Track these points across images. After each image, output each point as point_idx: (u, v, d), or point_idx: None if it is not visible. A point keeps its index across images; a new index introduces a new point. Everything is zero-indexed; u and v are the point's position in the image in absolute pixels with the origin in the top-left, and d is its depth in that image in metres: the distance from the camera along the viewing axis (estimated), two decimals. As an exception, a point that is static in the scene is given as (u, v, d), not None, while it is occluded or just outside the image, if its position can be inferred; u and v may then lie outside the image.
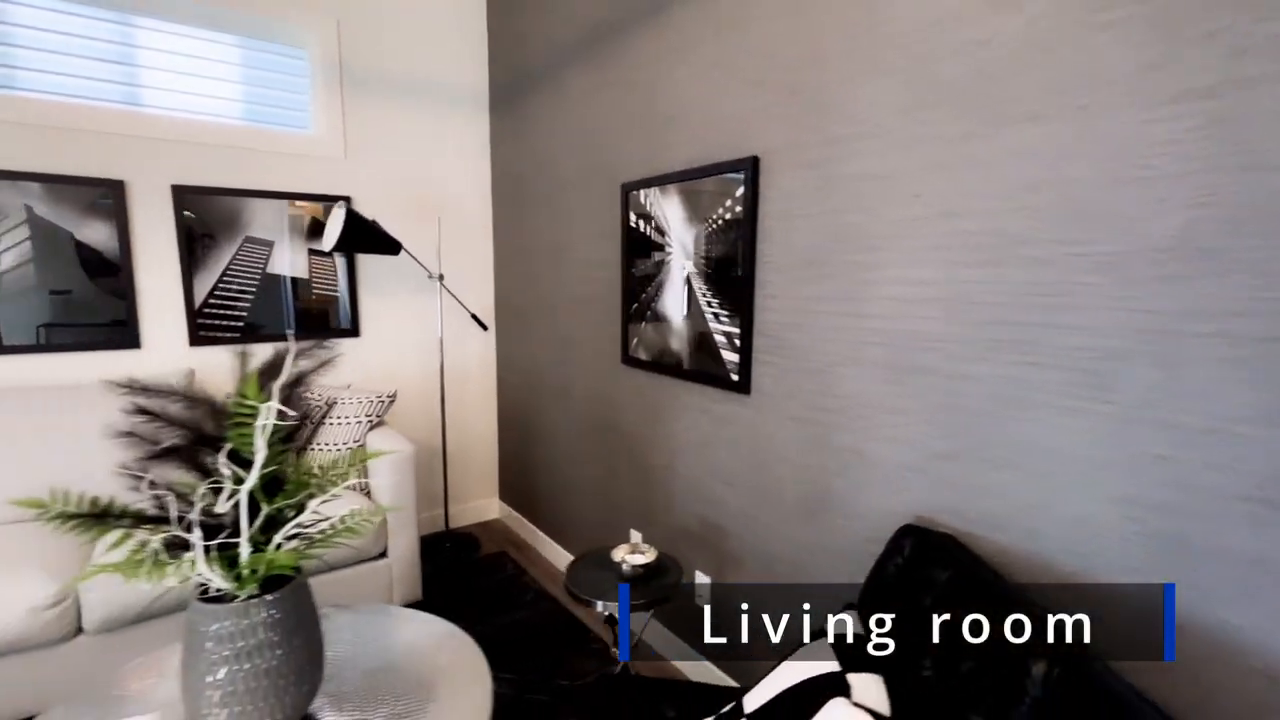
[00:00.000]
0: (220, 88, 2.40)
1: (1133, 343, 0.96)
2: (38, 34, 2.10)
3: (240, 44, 2.43)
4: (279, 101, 2.54)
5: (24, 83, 2.08)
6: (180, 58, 2.32)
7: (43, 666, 1.58)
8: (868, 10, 1.30)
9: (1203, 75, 0.87)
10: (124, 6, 2.20)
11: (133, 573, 0.99)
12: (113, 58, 2.22)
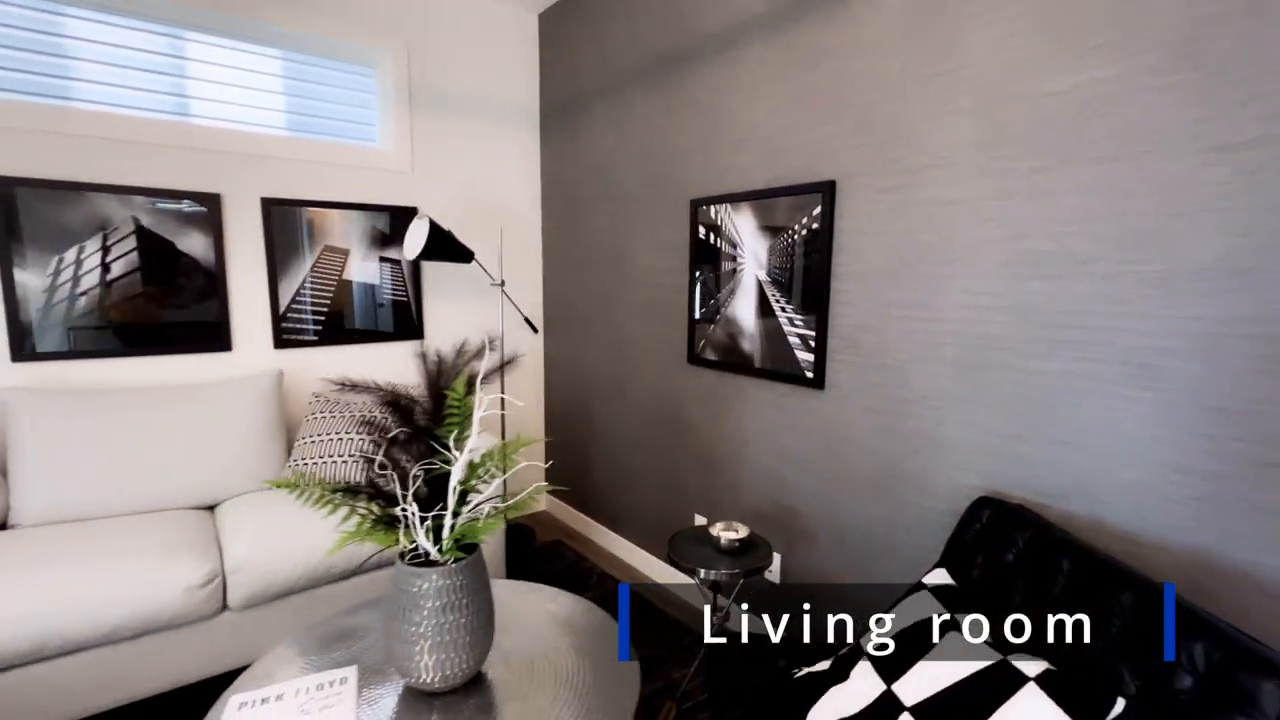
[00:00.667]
0: (300, 104, 2.56)
1: (1180, 342, 1.19)
2: (147, 57, 2.24)
3: (316, 64, 2.59)
4: (350, 116, 2.70)
5: (133, 102, 2.23)
6: (265, 77, 2.47)
7: (194, 640, 1.74)
8: (942, 55, 1.52)
9: (1240, 132, 1.10)
10: (219, 31, 2.35)
11: (366, 539, 1.17)
12: (210, 79, 2.36)
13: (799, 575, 2.00)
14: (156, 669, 1.70)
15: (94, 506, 1.95)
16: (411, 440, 1.22)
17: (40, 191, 2.06)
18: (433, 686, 1.23)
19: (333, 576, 1.95)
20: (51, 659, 1.56)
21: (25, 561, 1.61)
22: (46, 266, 2.10)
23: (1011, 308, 1.44)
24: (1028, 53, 1.37)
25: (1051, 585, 1.17)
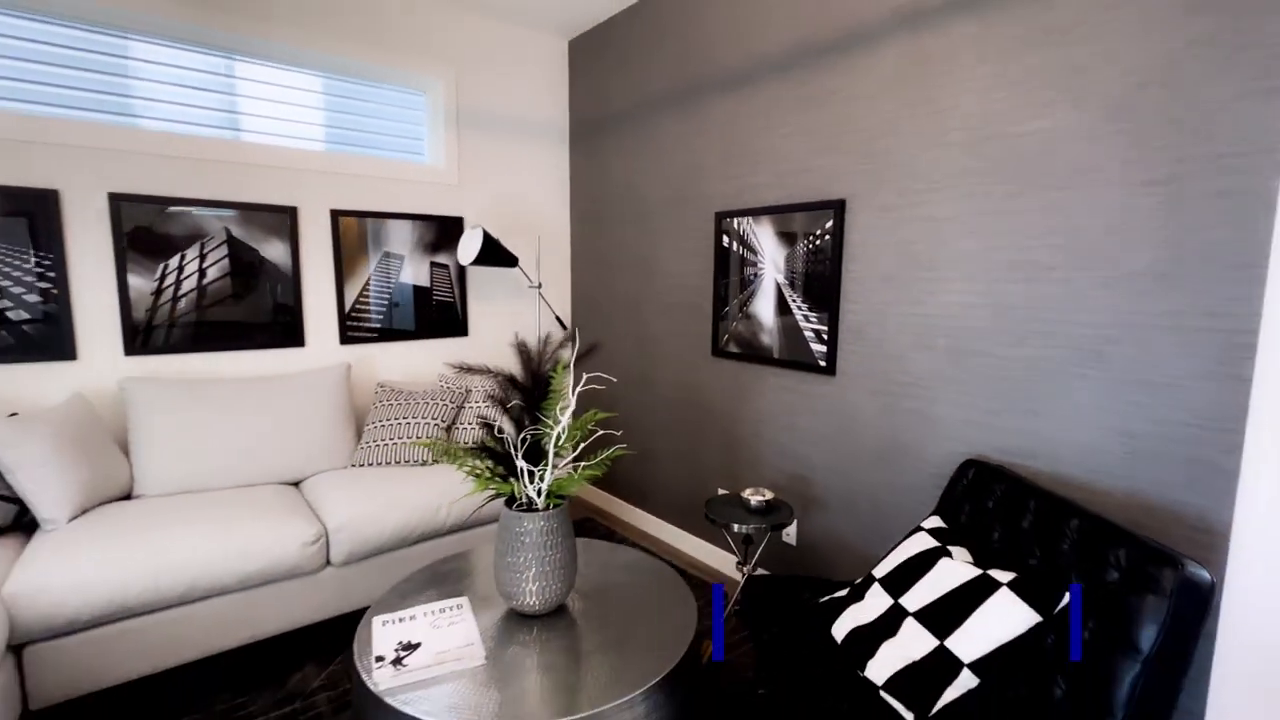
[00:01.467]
0: (361, 124, 2.86)
1: (1119, 332, 1.53)
2: (239, 86, 2.53)
3: (376, 90, 2.89)
4: (403, 133, 3.00)
5: (226, 124, 2.52)
6: (335, 99, 2.77)
7: (303, 590, 2.04)
8: (933, 100, 1.85)
9: (1160, 171, 1.44)
10: (301, 63, 2.65)
11: (490, 487, 1.49)
12: (289, 102, 2.66)
13: (813, 537, 2.33)
14: (275, 613, 2.00)
15: (202, 481, 2.25)
16: (522, 411, 1.53)
17: (150, 207, 2.35)
18: (533, 609, 1.55)
19: (411, 540, 2.26)
20: (198, 601, 1.87)
21: (169, 523, 1.91)
22: (154, 273, 2.39)
23: (990, 306, 1.77)
24: (1003, 103, 1.70)
25: (1021, 520, 1.51)
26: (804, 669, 1.44)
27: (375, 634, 1.47)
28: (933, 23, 1.84)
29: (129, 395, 2.24)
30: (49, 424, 1.95)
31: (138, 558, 1.77)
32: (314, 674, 1.98)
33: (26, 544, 1.86)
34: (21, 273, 2.15)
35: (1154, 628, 1.12)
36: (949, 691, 1.27)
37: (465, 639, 1.45)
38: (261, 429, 2.38)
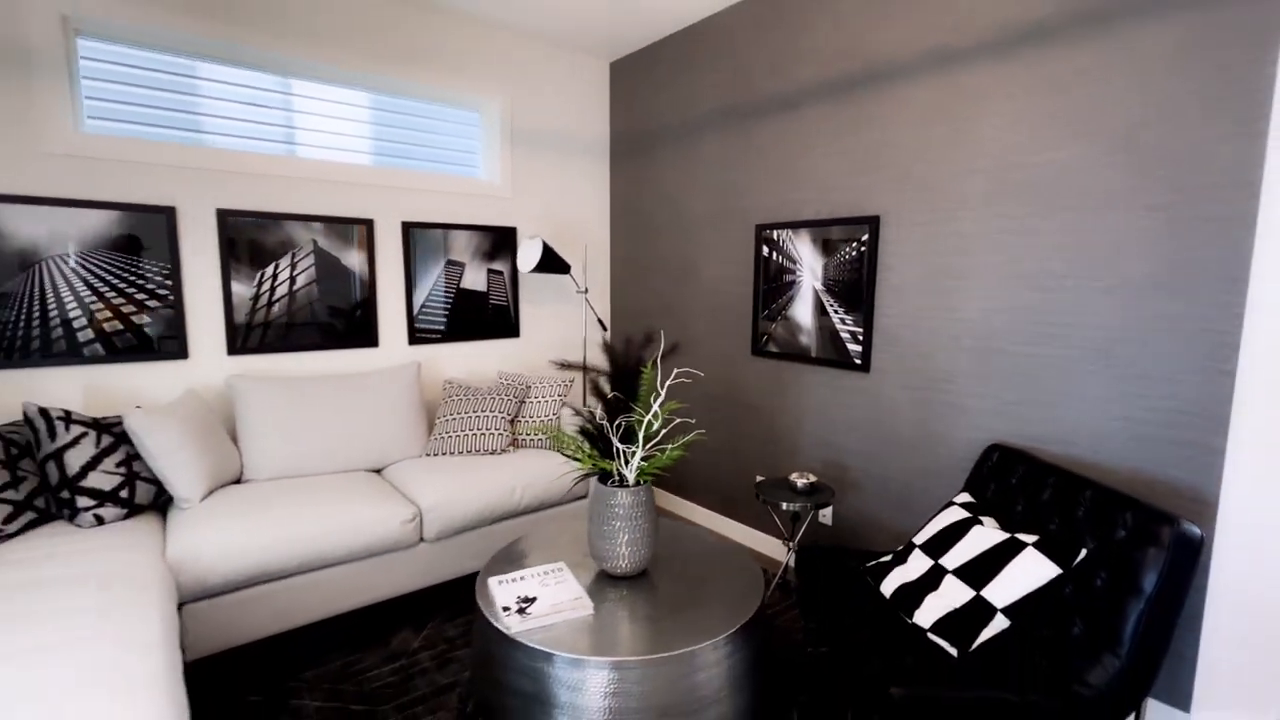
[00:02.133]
0: (423, 139, 3.12)
1: (1123, 333, 1.80)
2: (320, 109, 2.79)
3: (437, 111, 3.15)
4: (460, 148, 3.26)
5: (311, 142, 2.78)
6: (400, 116, 3.03)
7: (401, 563, 2.30)
8: (962, 131, 2.12)
9: (1158, 197, 1.71)
10: (374, 88, 2.91)
11: (588, 462, 1.75)
12: (363, 120, 2.92)
13: (848, 517, 2.60)
14: (378, 582, 2.26)
15: (300, 467, 2.51)
16: (617, 400, 1.79)
17: (250, 221, 2.61)
18: (623, 570, 1.81)
19: (490, 519, 2.52)
20: (317, 570, 2.13)
21: (288, 503, 2.17)
22: (253, 280, 2.65)
23: (1011, 310, 2.04)
24: (1023, 136, 1.97)
25: (1041, 494, 1.77)
26: (856, 619, 1.70)
27: (494, 591, 1.73)
28: (963, 64, 2.10)
29: (235, 391, 2.50)
30: (177, 415, 2.21)
31: (269, 531, 2.02)
32: (412, 636, 2.24)
33: (164, 520, 2.12)
34: (144, 280, 2.41)
35: (1155, 573, 1.39)
36: (985, 631, 1.54)
37: (573, 594, 1.71)
38: (347, 421, 2.64)
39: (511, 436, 2.91)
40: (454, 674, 2.03)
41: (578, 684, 1.48)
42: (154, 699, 1.20)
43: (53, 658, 1.28)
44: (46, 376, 2.26)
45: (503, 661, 1.57)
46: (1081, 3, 1.82)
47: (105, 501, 2.00)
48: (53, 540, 1.84)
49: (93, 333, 2.33)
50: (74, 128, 2.25)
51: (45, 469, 1.98)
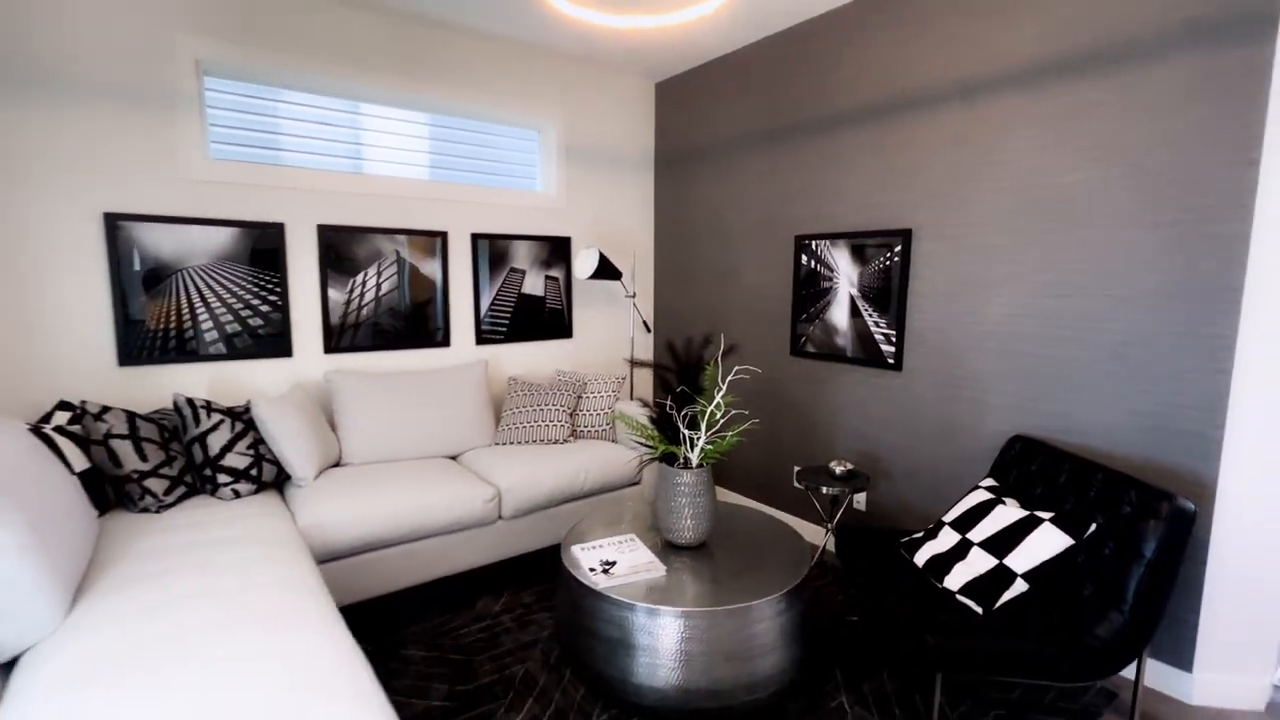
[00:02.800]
0: (488, 154, 3.43)
1: (1134, 337, 2.02)
2: (399, 133, 3.12)
3: (501, 132, 3.45)
4: (521, 162, 3.57)
5: (393, 161, 3.11)
6: (469, 133, 3.35)
7: (482, 538, 2.61)
8: (988, 153, 2.35)
9: (1165, 216, 1.93)
10: (446, 112, 3.23)
11: (658, 446, 2.03)
12: (436, 139, 3.24)
13: (880, 503, 2.84)
14: (463, 554, 2.57)
15: (390, 453, 2.83)
16: (684, 394, 2.06)
17: (344, 234, 2.94)
18: (687, 541, 2.08)
19: (558, 501, 2.81)
20: (415, 541, 2.44)
21: (388, 483, 2.48)
22: (346, 287, 2.98)
23: (1033, 315, 2.27)
24: (1044, 159, 2.20)
25: (1058, 478, 2.01)
26: (892, 586, 1.96)
27: (579, 556, 2.02)
28: (989, 93, 2.34)
29: (333, 385, 2.83)
30: (292, 405, 2.54)
31: (376, 507, 2.34)
32: (493, 601, 2.55)
33: (283, 496, 2.45)
34: (259, 288, 2.75)
35: (1154, 541, 1.62)
36: (1007, 593, 1.78)
37: (646, 559, 2.00)
38: (426, 412, 2.96)
39: (571, 428, 3.21)
40: (534, 633, 2.33)
41: (655, 630, 1.76)
42: (326, 628, 1.51)
43: (240, 598, 1.59)
44: (181, 371, 2.61)
45: (591, 612, 1.86)
46: (1095, 43, 2.05)
47: (240, 478, 2.34)
48: (204, 509, 2.18)
49: (217, 334, 2.68)
50: (204, 156, 2.60)
51: (191, 450, 2.32)
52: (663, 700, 1.78)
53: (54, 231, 2.34)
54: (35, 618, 1.40)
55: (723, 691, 1.77)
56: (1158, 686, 2.04)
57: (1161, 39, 1.92)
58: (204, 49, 2.56)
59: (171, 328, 2.57)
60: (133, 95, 2.43)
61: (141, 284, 2.50)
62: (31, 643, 1.41)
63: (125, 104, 2.42)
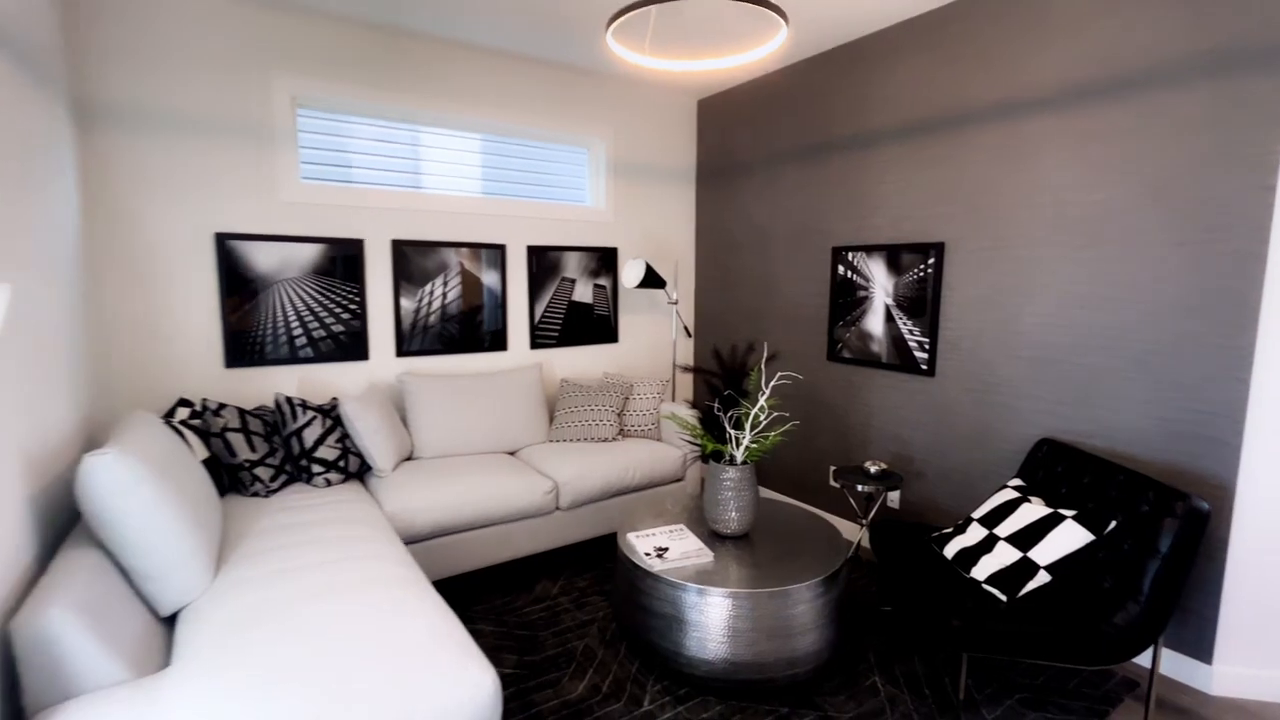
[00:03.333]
0: (542, 171, 3.69)
1: (1159, 346, 2.14)
2: (459, 156, 3.40)
3: (554, 150, 3.70)
4: (570, 176, 3.81)
5: (456, 180, 3.38)
6: (524, 149, 3.61)
7: (541, 526, 2.86)
8: (1022, 171, 2.49)
9: (1188, 236, 2.05)
10: (503, 134, 3.49)
11: (706, 445, 2.23)
12: (493, 157, 3.51)
13: (912, 501, 2.99)
14: (523, 541, 2.82)
15: (456, 448, 3.10)
16: (729, 397, 2.27)
17: (413, 248, 3.23)
18: (731, 530, 2.28)
19: (609, 494, 3.04)
20: (480, 528, 2.70)
21: (457, 475, 2.75)
22: (415, 296, 3.27)
23: (1062, 325, 2.40)
24: (1075, 178, 2.33)
25: (1083, 479, 2.14)
26: (922, 576, 2.12)
27: (635, 542, 2.24)
28: (1023, 115, 2.48)
29: (405, 386, 3.12)
30: (371, 404, 2.83)
31: (450, 496, 2.61)
32: (550, 585, 2.79)
33: (365, 486, 2.74)
34: (343, 298, 3.06)
35: (1169, 537, 1.76)
36: (1030, 584, 1.93)
37: (696, 546, 2.21)
38: (487, 411, 3.22)
39: (619, 427, 3.44)
40: (590, 613, 2.56)
41: (705, 608, 1.97)
42: (423, 592, 1.76)
43: (347, 566, 1.86)
44: (276, 373, 2.93)
45: (647, 592, 2.07)
46: (1123, 72, 2.18)
47: (330, 469, 2.63)
48: (302, 495, 2.47)
49: (305, 339, 2.99)
50: (296, 180, 2.91)
51: (289, 442, 2.62)
52: (711, 671, 1.99)
53: (175, 249, 2.67)
54: (192, 580, 1.69)
55: (765, 665, 1.96)
56: (1179, 677, 2.16)
57: (1184, 68, 2.04)
58: (297, 86, 2.86)
59: (268, 334, 2.89)
60: (239, 129, 2.75)
61: (244, 295, 2.82)
62: (189, 600, 1.69)
63: (233, 137, 2.74)
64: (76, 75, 2.43)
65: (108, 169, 2.52)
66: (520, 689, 2.08)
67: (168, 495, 1.68)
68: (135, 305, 2.61)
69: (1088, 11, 2.27)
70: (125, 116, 2.53)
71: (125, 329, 2.60)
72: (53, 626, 1.30)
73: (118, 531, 1.58)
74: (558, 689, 2.09)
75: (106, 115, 2.50)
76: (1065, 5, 2.33)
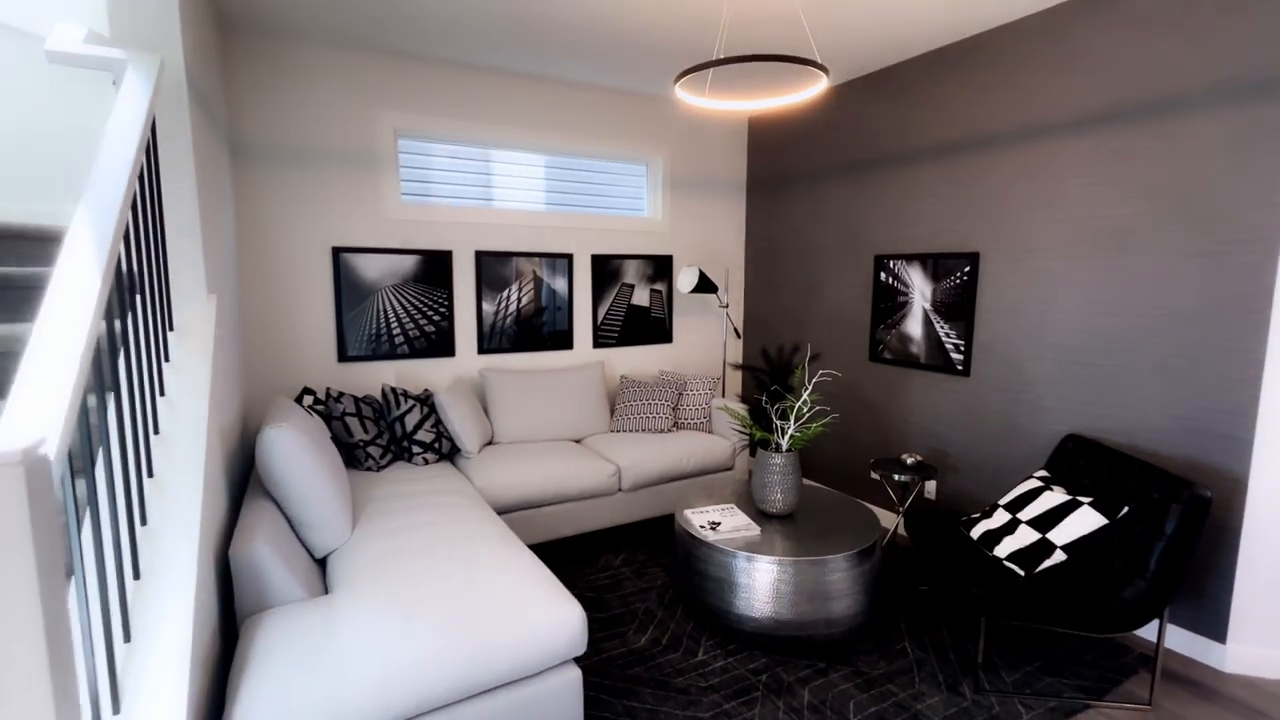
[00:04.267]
0: (604, 183, 4.05)
1: (1177, 350, 2.33)
2: (527, 172, 3.80)
3: (616, 168, 4.07)
4: (630, 188, 4.16)
5: (510, 201, 3.79)
6: (585, 164, 3.98)
7: (601, 506, 3.22)
8: (1049, 188, 2.69)
9: (1203, 248, 2.23)
10: (570, 153, 3.88)
11: (755, 434, 2.54)
12: (559, 171, 3.90)
13: (947, 492, 3.21)
14: (590, 518, 3.19)
15: (530, 434, 3.49)
16: (776, 392, 2.57)
17: (493, 258, 3.65)
18: (777, 510, 2.58)
19: (666, 479, 3.38)
20: (551, 505, 3.08)
21: (535, 458, 3.14)
22: (494, 300, 3.68)
23: (1087, 331, 2.60)
24: (1098, 195, 2.53)
25: (1102, 471, 2.35)
26: (952, 554, 2.37)
27: (691, 518, 2.57)
28: (1049, 135, 2.68)
29: (486, 379, 3.53)
30: (460, 394, 3.24)
31: (527, 474, 2.99)
32: (613, 558, 3.14)
33: (455, 465, 3.16)
34: (433, 302, 3.50)
35: (1174, 521, 1.97)
36: (1046, 561, 2.16)
37: (745, 522, 2.52)
38: (556, 403, 3.61)
39: (674, 420, 3.77)
40: (650, 581, 2.90)
41: (753, 572, 2.28)
42: (517, 548, 2.13)
43: (453, 526, 2.25)
44: (378, 367, 3.39)
45: (703, 558, 2.40)
46: (1143, 96, 2.37)
47: (428, 450, 3.06)
48: (406, 471, 2.91)
49: (402, 337, 3.44)
50: (397, 200, 3.36)
51: (393, 426, 3.07)
52: (758, 628, 2.30)
53: (301, 262, 3.15)
54: (339, 530, 2.12)
55: (805, 624, 2.26)
56: (1195, 655, 2.34)
57: (1202, 95, 2.22)
58: (398, 119, 3.31)
59: (372, 333, 3.35)
60: (352, 158, 3.22)
61: (355, 300, 3.28)
62: (336, 546, 2.12)
63: (348, 164, 3.21)
64: (233, 118, 2.94)
65: (251, 195, 3.01)
66: (591, 639, 2.44)
67: (321, 462, 2.11)
68: (270, 308, 3.10)
69: (1109, 44, 2.46)
70: (265, 151, 3.02)
71: (262, 328, 3.10)
72: (257, 555, 1.73)
73: (289, 488, 2.01)
74: (624, 639, 2.43)
75: (252, 150, 2.99)
76: (1085, 38, 2.53)
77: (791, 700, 2.09)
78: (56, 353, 0.89)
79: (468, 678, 1.59)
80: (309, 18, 2.79)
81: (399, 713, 1.52)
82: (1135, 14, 2.39)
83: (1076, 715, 2.03)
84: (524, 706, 1.69)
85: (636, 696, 2.11)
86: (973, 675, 2.22)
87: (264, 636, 1.60)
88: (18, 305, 1.82)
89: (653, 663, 2.29)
